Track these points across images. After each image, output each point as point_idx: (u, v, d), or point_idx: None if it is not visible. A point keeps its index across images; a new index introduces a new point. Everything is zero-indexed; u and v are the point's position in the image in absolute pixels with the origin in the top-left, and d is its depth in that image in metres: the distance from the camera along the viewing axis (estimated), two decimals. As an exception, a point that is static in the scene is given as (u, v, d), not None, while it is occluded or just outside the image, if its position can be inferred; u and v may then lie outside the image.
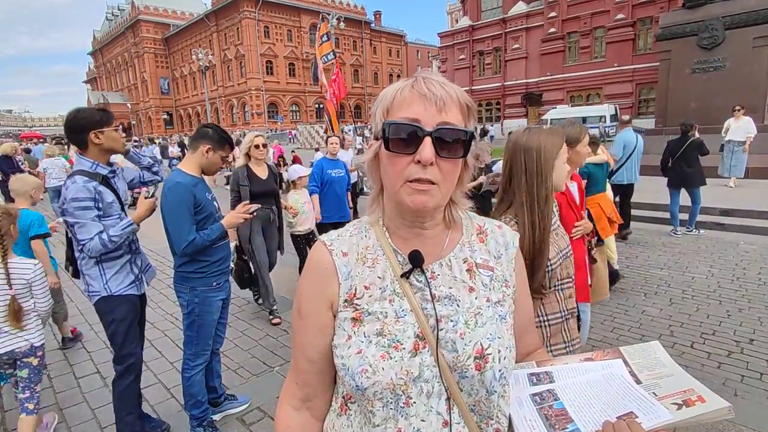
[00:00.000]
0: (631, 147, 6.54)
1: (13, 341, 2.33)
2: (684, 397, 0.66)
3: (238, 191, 4.05)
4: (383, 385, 0.73)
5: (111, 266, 2.39)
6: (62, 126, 2.46)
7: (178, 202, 2.41)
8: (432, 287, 0.79)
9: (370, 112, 0.85)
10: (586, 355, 0.83)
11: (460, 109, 0.75)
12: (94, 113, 2.32)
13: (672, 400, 0.66)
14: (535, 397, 0.76)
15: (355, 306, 0.80)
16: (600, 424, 0.66)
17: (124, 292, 2.43)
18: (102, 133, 2.31)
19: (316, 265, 0.84)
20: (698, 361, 3.38)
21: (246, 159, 4.17)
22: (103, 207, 2.29)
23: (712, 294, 4.56)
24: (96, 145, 2.31)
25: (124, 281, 2.43)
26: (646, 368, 0.75)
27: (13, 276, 2.34)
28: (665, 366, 0.75)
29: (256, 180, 4.13)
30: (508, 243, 0.90)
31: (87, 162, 2.33)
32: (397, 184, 0.74)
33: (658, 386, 0.70)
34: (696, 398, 0.65)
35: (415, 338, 0.76)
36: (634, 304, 4.44)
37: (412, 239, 0.82)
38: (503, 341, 0.78)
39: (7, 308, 2.30)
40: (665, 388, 0.69)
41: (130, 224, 2.35)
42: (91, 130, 2.28)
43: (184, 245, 2.41)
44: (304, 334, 0.84)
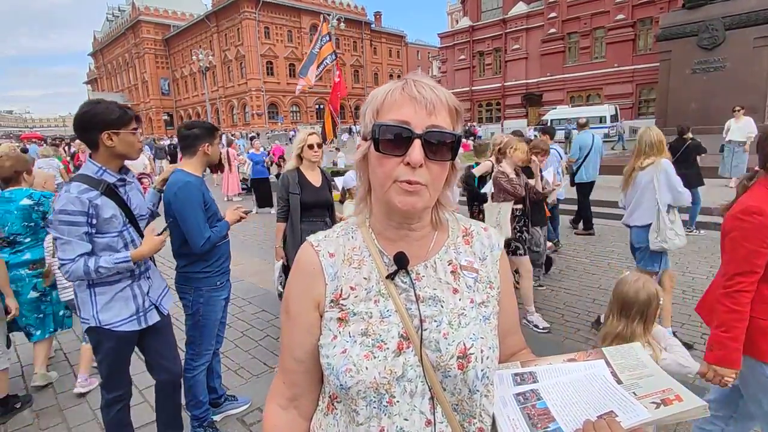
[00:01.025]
0: (587, 148, 7.11)
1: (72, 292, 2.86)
2: (663, 396, 0.68)
3: (287, 200, 3.46)
4: (367, 384, 0.74)
5: (103, 292, 2.04)
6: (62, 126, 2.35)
7: (192, 201, 2.40)
8: (417, 288, 0.80)
9: None
10: (570, 356, 0.85)
11: (449, 113, 0.77)
12: (110, 110, 1.97)
13: (651, 400, 0.68)
14: (518, 397, 0.78)
15: (341, 306, 0.81)
16: (581, 423, 0.68)
17: (116, 328, 2.06)
18: (117, 135, 1.99)
19: (303, 265, 0.86)
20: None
21: (297, 161, 3.48)
22: (98, 223, 1.96)
23: (713, 294, 4.55)
24: (108, 147, 1.99)
25: (120, 314, 2.07)
26: (628, 369, 0.77)
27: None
28: (646, 367, 0.77)
29: (308, 187, 3.45)
30: (493, 245, 0.91)
31: (93, 166, 2.02)
32: (386, 184, 0.75)
33: (638, 386, 0.72)
34: (674, 397, 0.68)
35: (399, 338, 0.77)
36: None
37: (399, 241, 0.83)
38: (486, 341, 0.80)
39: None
40: (645, 387, 0.71)
41: (126, 260, 2.01)
42: (105, 129, 1.96)
43: (202, 243, 2.41)
44: (291, 334, 0.86)
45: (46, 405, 3.11)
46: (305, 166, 3.48)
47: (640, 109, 30.02)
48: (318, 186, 3.52)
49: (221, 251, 2.64)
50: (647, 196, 3.46)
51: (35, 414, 3.02)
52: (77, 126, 1.99)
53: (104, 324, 2.05)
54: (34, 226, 3.24)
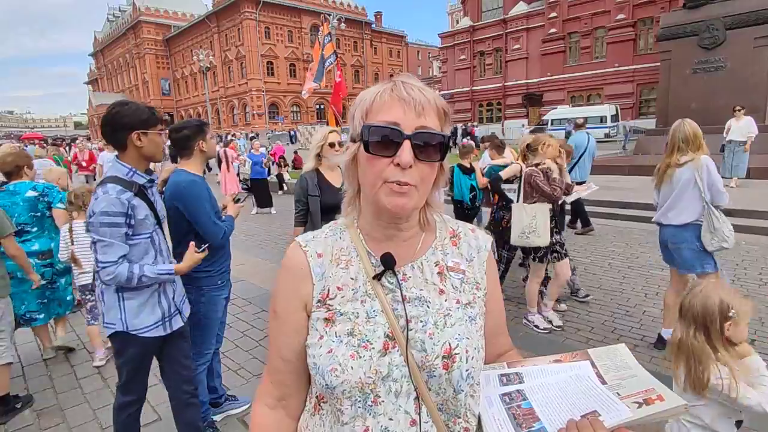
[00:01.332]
0: (582, 148, 7.13)
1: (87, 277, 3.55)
2: (645, 396, 0.70)
3: (306, 202, 3.19)
4: (352, 384, 0.75)
5: (132, 297, 2.03)
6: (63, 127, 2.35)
7: (202, 197, 2.41)
8: (403, 289, 0.81)
9: None
10: (556, 357, 0.86)
11: (438, 114, 0.77)
12: (140, 110, 1.99)
13: (634, 399, 0.70)
14: (504, 397, 0.79)
15: (328, 306, 0.81)
16: (565, 422, 0.69)
17: (143, 333, 2.05)
18: (146, 135, 1.99)
19: (290, 265, 0.86)
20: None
21: (316, 161, 3.23)
22: (135, 224, 1.98)
23: (714, 294, 4.55)
24: (137, 148, 1.99)
25: (147, 319, 2.06)
26: (612, 370, 0.79)
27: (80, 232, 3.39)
28: (630, 368, 0.78)
29: (329, 189, 3.17)
30: (480, 246, 0.92)
31: (123, 168, 2.00)
32: (376, 185, 0.75)
33: (621, 386, 0.74)
34: (656, 397, 0.69)
35: (385, 338, 0.77)
36: (635, 305, 4.43)
37: (387, 241, 0.84)
38: (471, 342, 0.80)
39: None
40: (628, 388, 0.73)
41: (170, 273, 2.04)
42: (135, 129, 1.96)
43: (222, 235, 2.43)
44: (279, 334, 0.86)
45: (47, 405, 3.12)
46: (325, 166, 3.25)
47: (641, 109, 30.01)
48: (339, 187, 3.21)
49: (222, 250, 2.64)
50: (687, 194, 3.29)
51: (36, 414, 3.02)
52: (107, 126, 1.98)
53: (132, 329, 2.03)
54: (40, 216, 3.49)
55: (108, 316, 2.03)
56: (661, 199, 3.50)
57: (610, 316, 4.24)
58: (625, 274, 5.35)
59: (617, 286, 4.98)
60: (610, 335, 3.85)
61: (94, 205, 1.91)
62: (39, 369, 3.62)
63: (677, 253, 3.42)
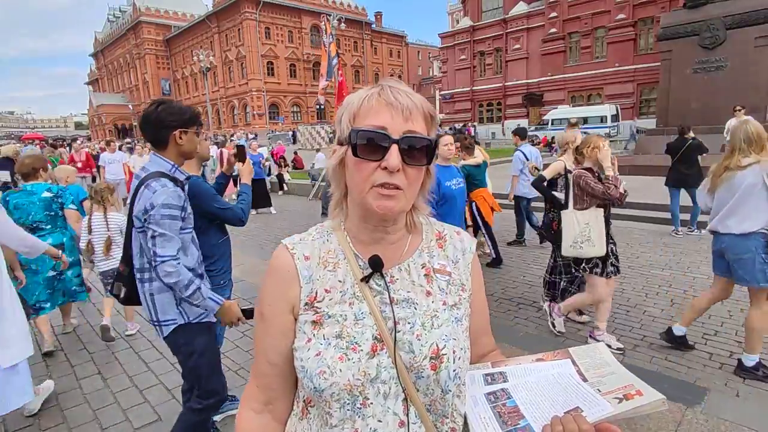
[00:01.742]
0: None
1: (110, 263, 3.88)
2: (624, 392, 0.72)
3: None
4: (340, 387, 0.75)
5: None
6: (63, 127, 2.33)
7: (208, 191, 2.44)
8: (391, 291, 0.82)
9: None
10: (538, 356, 0.88)
11: (424, 118, 0.79)
12: (183, 109, 2.04)
13: (614, 395, 0.72)
14: (489, 396, 0.81)
15: (316, 309, 0.81)
16: (549, 419, 0.71)
17: (204, 319, 2.08)
18: (186, 134, 2.04)
19: (277, 268, 0.86)
20: (700, 361, 3.37)
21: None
22: (185, 218, 2.02)
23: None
24: (177, 146, 2.03)
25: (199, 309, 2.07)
26: (593, 367, 0.81)
27: (110, 223, 3.91)
28: (609, 365, 0.81)
29: None
30: (465, 248, 0.93)
31: (167, 164, 2.02)
32: (364, 189, 0.76)
33: (602, 383, 0.76)
34: (635, 392, 0.71)
35: (373, 340, 0.78)
36: (636, 305, 4.43)
37: (374, 244, 0.85)
38: (458, 342, 0.81)
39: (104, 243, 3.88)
40: (608, 384, 0.75)
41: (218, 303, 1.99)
42: (178, 128, 2.00)
43: (242, 217, 2.47)
44: (265, 337, 0.86)
45: (47, 406, 3.11)
46: None
47: (641, 109, 29.99)
48: None
49: (223, 250, 2.64)
50: (752, 200, 2.98)
51: (35, 414, 3.02)
52: (150, 123, 1.98)
53: (194, 318, 2.03)
54: (53, 215, 3.85)
55: (163, 315, 1.99)
56: (717, 205, 3.22)
57: (611, 316, 4.22)
58: (625, 273, 5.33)
59: (617, 285, 4.96)
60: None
61: (153, 198, 1.88)
62: (39, 369, 3.62)
63: (738, 264, 3.08)
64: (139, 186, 1.95)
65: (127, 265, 2.06)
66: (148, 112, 1.99)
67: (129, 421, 2.90)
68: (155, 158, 2.03)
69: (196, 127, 2.09)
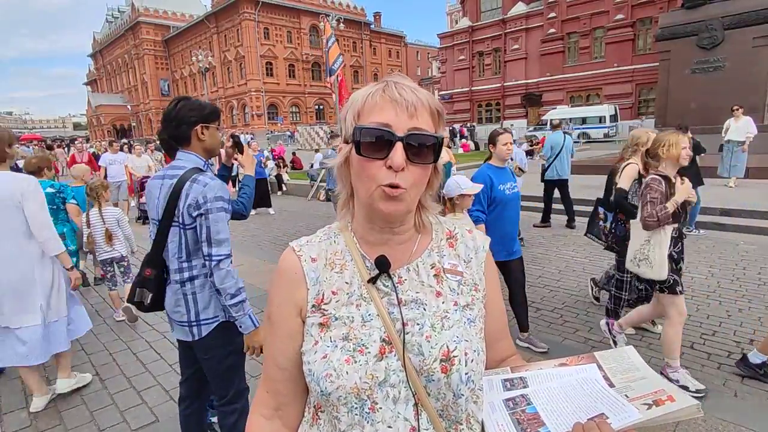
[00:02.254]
0: (558, 147, 7.59)
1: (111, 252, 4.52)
2: (655, 397, 0.68)
3: None
4: (347, 390, 0.73)
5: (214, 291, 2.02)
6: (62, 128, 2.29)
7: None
8: (399, 292, 0.80)
9: None
10: (561, 361, 0.84)
11: (431, 115, 0.76)
12: (203, 105, 2.02)
13: (643, 401, 0.68)
14: (508, 402, 0.77)
15: (323, 311, 0.80)
16: (571, 426, 0.67)
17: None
18: (207, 129, 2.01)
19: (284, 271, 0.85)
20: (698, 362, 3.37)
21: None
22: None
23: (712, 294, 4.55)
24: (200, 141, 2.00)
25: None
26: (620, 372, 0.77)
27: (106, 216, 4.46)
28: (638, 369, 0.76)
29: None
30: (477, 247, 0.90)
31: (199, 159, 2.00)
32: (370, 188, 0.74)
33: (630, 388, 0.72)
34: (666, 398, 0.67)
35: (381, 342, 0.76)
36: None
37: (381, 245, 0.83)
38: (471, 344, 0.78)
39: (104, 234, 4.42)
40: (637, 390, 0.71)
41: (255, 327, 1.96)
42: (199, 123, 1.98)
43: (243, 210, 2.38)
44: (274, 341, 0.84)
45: (44, 407, 3.10)
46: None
47: (640, 109, 30.03)
48: None
49: None
50: None
51: (33, 416, 3.01)
52: (173, 119, 1.95)
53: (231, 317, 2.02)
54: (56, 208, 4.22)
55: (204, 313, 1.95)
56: None
57: (609, 316, 4.23)
58: (624, 274, 5.34)
59: (616, 286, 4.97)
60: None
61: (205, 191, 1.84)
62: (36, 371, 3.61)
63: None
64: (180, 183, 1.87)
65: (154, 268, 1.97)
66: (169, 110, 1.97)
67: (126, 422, 2.89)
68: (185, 155, 1.99)
69: (217, 123, 2.06)
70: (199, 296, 1.94)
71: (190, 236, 1.89)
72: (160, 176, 2.01)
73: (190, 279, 1.93)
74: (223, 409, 2.11)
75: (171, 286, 1.97)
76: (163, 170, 2.04)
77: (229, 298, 1.86)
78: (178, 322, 1.98)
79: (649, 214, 2.90)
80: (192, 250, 1.91)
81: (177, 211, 1.88)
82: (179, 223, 1.89)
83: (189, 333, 1.97)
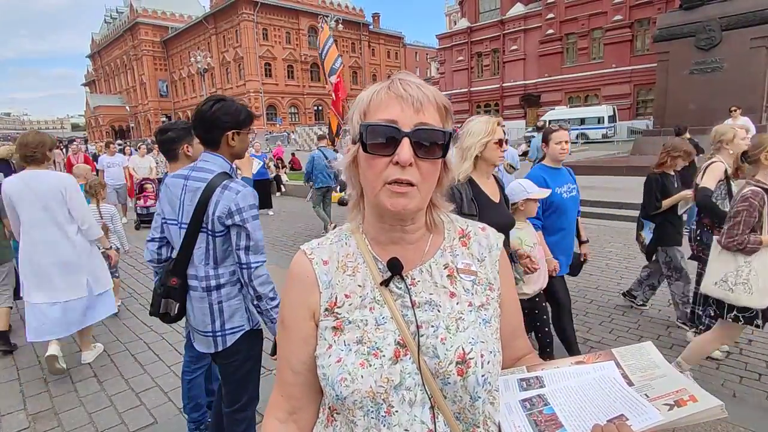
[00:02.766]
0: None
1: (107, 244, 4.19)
2: (676, 397, 0.66)
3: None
4: (363, 394, 0.72)
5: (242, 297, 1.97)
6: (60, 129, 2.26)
7: None
8: (412, 294, 0.79)
9: None
10: (578, 359, 0.82)
11: (438, 110, 0.75)
12: (240, 110, 1.93)
13: (664, 401, 0.66)
14: (524, 403, 0.75)
15: (336, 315, 0.79)
16: (590, 428, 0.66)
17: (258, 326, 2.04)
18: (238, 135, 1.94)
19: (297, 275, 0.84)
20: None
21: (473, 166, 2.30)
22: None
23: (711, 295, 4.55)
24: (229, 146, 1.93)
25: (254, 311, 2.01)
26: (639, 370, 0.74)
27: (103, 213, 4.60)
28: (658, 367, 0.74)
29: (488, 205, 2.29)
30: (491, 245, 0.89)
31: (227, 163, 1.94)
32: (377, 186, 0.73)
33: (650, 387, 0.69)
34: (688, 398, 0.65)
35: (395, 345, 0.75)
36: (632, 305, 4.43)
37: (393, 245, 0.82)
38: (487, 345, 0.77)
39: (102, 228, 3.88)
40: (658, 389, 0.69)
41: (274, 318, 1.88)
42: (231, 128, 1.90)
43: None
44: (287, 345, 0.84)
45: (42, 408, 3.10)
46: (481, 172, 2.34)
47: (638, 110, 30.11)
48: (497, 202, 2.38)
49: None
50: None
51: (31, 417, 3.00)
52: (204, 121, 1.88)
53: (255, 325, 2.00)
54: None
55: (230, 322, 1.92)
56: None
57: (608, 316, 4.24)
58: (623, 274, 5.35)
59: (614, 286, 4.98)
60: (608, 335, 3.85)
61: (237, 199, 1.79)
62: (34, 372, 3.60)
63: None
64: (210, 190, 1.81)
65: (180, 277, 1.91)
66: (203, 110, 1.87)
67: (125, 424, 2.88)
68: (212, 157, 1.93)
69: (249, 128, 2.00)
70: (225, 305, 1.90)
71: (218, 243, 1.85)
72: (182, 175, 1.94)
73: (217, 287, 1.88)
74: (234, 416, 2.07)
75: (194, 294, 1.91)
76: (186, 169, 1.97)
77: (269, 301, 1.84)
78: (201, 332, 1.93)
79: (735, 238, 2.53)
80: (220, 258, 1.87)
81: (206, 218, 1.82)
82: (207, 230, 1.83)
83: (212, 344, 1.93)
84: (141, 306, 4.93)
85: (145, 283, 5.71)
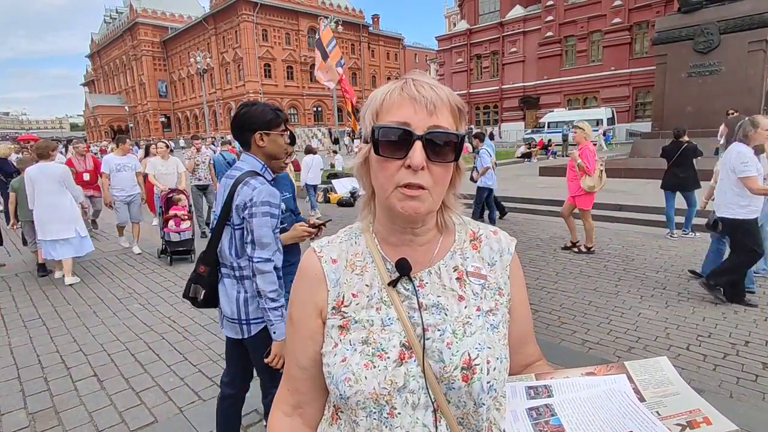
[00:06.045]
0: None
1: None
2: (689, 417, 0.63)
3: None
4: (366, 395, 0.72)
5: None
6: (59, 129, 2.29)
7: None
8: (419, 296, 0.78)
9: None
10: (588, 369, 0.79)
11: (451, 112, 0.74)
12: (265, 112, 2.05)
13: (676, 421, 0.63)
14: (531, 412, 0.73)
15: (343, 314, 0.79)
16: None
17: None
18: (267, 136, 2.04)
19: (305, 272, 0.84)
20: (694, 363, 3.39)
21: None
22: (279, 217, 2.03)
23: (708, 296, 4.57)
24: (259, 147, 2.05)
25: None
26: (652, 385, 0.72)
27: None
28: (672, 383, 0.71)
29: None
30: (503, 249, 0.87)
31: (258, 163, 2.05)
32: (388, 189, 0.72)
33: (662, 405, 0.67)
34: (702, 420, 0.62)
35: (400, 347, 0.74)
36: (631, 307, 4.45)
37: (403, 246, 0.81)
38: (493, 351, 0.76)
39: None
40: (671, 407, 0.66)
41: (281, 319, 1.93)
42: (258, 130, 2.02)
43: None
44: (294, 341, 0.84)
45: (42, 408, 3.10)
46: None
47: (637, 112, 30.21)
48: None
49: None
50: None
51: (31, 417, 3.01)
52: (236, 125, 2.06)
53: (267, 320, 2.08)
54: None
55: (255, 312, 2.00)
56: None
57: (606, 318, 4.26)
58: (621, 276, 5.37)
59: (612, 288, 5.01)
60: (606, 337, 3.87)
61: (253, 194, 1.90)
62: (34, 371, 3.61)
63: None
64: (236, 185, 1.96)
65: (208, 265, 2.04)
66: (235, 115, 2.06)
67: (125, 422, 2.89)
68: (247, 157, 2.07)
69: (282, 128, 2.08)
70: (249, 295, 2.00)
71: (238, 236, 1.97)
72: (228, 176, 2.08)
73: (241, 278, 1.99)
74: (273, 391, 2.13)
75: (226, 282, 2.04)
76: (229, 170, 2.11)
77: (268, 301, 1.90)
78: (229, 318, 2.04)
79: None
80: (240, 250, 1.98)
81: (230, 211, 1.97)
82: (231, 222, 1.97)
83: (239, 330, 2.04)
84: (141, 306, 4.94)
85: (145, 284, 5.72)
